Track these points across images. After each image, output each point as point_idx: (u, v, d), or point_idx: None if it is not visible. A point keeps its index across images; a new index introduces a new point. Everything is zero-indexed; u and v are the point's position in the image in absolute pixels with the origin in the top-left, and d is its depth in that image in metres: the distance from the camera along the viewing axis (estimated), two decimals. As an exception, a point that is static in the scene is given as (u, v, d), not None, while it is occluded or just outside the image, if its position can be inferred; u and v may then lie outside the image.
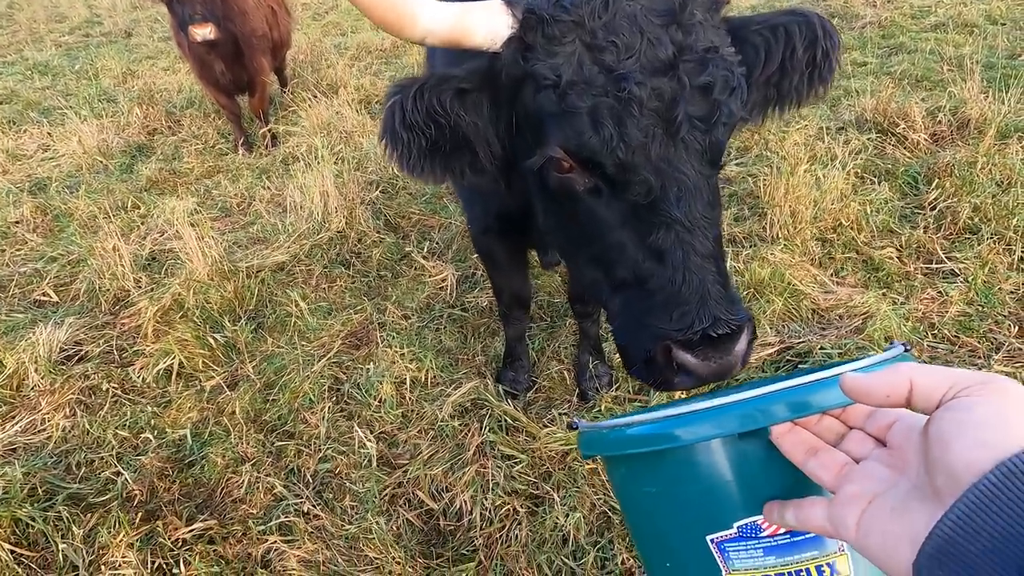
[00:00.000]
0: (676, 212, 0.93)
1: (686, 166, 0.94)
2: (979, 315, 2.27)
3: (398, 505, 1.77)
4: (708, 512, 0.67)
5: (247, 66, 4.15)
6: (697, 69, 0.94)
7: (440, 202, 3.37)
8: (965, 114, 3.37)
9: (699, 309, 0.92)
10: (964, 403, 0.45)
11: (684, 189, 0.94)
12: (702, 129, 0.95)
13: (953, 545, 0.41)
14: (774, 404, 0.60)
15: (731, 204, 3.12)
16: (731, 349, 0.92)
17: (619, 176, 0.96)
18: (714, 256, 0.97)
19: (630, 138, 0.92)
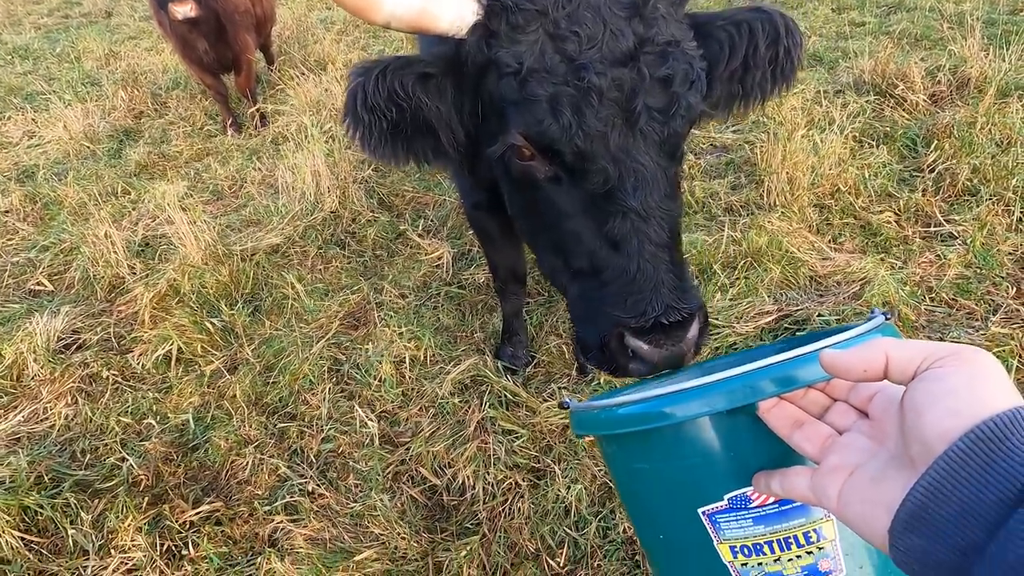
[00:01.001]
0: (632, 201, 0.94)
1: (644, 156, 0.95)
2: (977, 277, 2.26)
3: (401, 482, 1.79)
4: (699, 486, 0.68)
5: (231, 44, 4.05)
6: (657, 61, 0.95)
7: (433, 179, 3.33)
8: (965, 73, 3.32)
9: (652, 297, 0.93)
10: (936, 374, 0.46)
11: (641, 179, 0.95)
12: (660, 121, 0.95)
13: (925, 511, 0.42)
14: (760, 380, 0.61)
15: (728, 172, 3.09)
16: (682, 337, 0.93)
17: (577, 164, 0.97)
18: (669, 246, 0.98)
19: (588, 127, 0.93)
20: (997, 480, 0.40)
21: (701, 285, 2.36)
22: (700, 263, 2.44)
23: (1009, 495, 0.39)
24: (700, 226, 2.72)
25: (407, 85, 1.02)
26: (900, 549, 0.44)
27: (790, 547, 0.66)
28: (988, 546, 0.39)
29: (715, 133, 3.48)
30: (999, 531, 0.39)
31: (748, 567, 0.68)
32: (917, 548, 0.43)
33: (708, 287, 2.32)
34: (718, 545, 0.68)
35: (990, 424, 0.41)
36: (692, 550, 0.71)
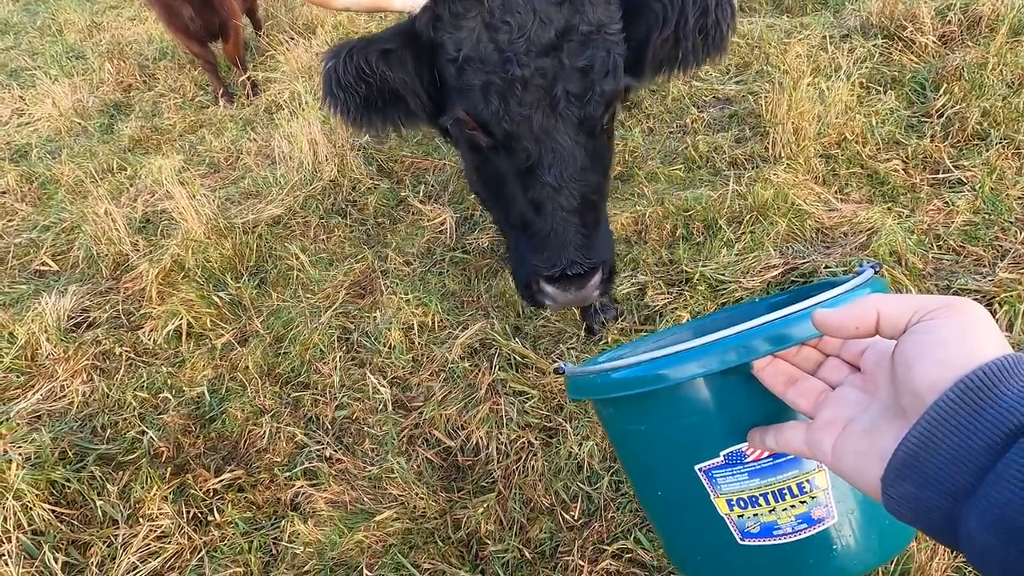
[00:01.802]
0: (547, 177, 1.11)
1: (562, 136, 1.11)
2: (985, 223, 2.24)
3: (416, 445, 1.83)
4: (695, 444, 0.70)
5: (217, 10, 3.93)
6: (578, 50, 1.07)
7: (432, 143, 3.28)
8: (976, 11, 3.20)
9: (560, 253, 1.13)
10: (927, 326, 0.47)
11: (558, 157, 1.11)
12: (578, 104, 1.09)
13: (916, 459, 0.43)
14: (754, 340, 0.62)
15: (732, 125, 3.03)
16: (584, 284, 1.16)
17: (506, 142, 1.14)
18: (579, 211, 1.14)
19: (513, 113, 1.09)
20: (985, 427, 0.41)
21: (706, 240, 2.35)
22: (705, 218, 2.42)
23: (996, 440, 0.40)
24: (704, 181, 2.68)
25: (371, 61, 1.17)
26: (892, 497, 0.46)
27: (784, 498, 0.68)
28: (977, 490, 0.40)
29: (717, 85, 3.40)
30: (987, 475, 0.40)
31: (744, 518, 0.70)
32: (909, 495, 0.44)
33: (714, 243, 2.31)
34: (715, 499, 0.71)
35: (979, 373, 0.42)
36: (690, 505, 0.73)
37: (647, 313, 2.14)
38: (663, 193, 2.61)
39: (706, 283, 2.16)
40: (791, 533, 0.69)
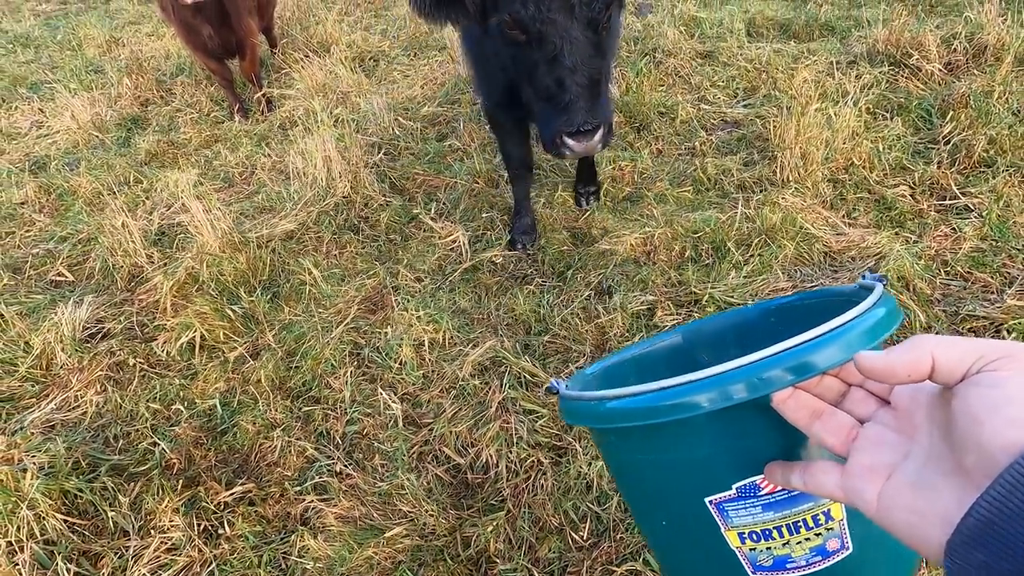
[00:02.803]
0: (567, 61, 1.55)
1: (576, 32, 1.54)
2: (992, 250, 2.26)
3: (426, 462, 1.85)
4: (706, 476, 0.66)
5: (235, 28, 4.03)
6: None
7: (444, 162, 3.33)
8: (982, 40, 3.25)
9: (576, 116, 1.56)
10: (992, 378, 0.44)
11: (575, 47, 1.54)
12: (587, 9, 1.55)
13: (990, 527, 0.40)
14: (775, 370, 0.57)
15: (740, 149, 3.07)
16: (592, 137, 1.60)
17: (538, 37, 1.56)
18: (589, 86, 1.58)
19: (543, 16, 1.52)
20: None
21: (714, 262, 2.37)
22: (714, 240, 2.44)
23: None
24: (713, 204, 2.72)
25: None
26: (958, 563, 0.42)
27: (799, 530, 0.65)
28: None
29: (726, 108, 3.45)
30: None
31: (757, 551, 0.67)
32: (979, 563, 0.41)
33: (722, 265, 2.33)
34: (726, 532, 0.67)
35: None
36: (698, 537, 0.69)
37: (656, 334, 2.15)
38: (672, 215, 2.65)
39: (715, 304, 2.18)
40: (805, 566, 0.67)
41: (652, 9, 4.87)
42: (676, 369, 0.99)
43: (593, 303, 2.30)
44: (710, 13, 4.52)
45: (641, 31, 4.39)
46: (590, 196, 2.84)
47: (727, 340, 0.93)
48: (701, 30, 4.28)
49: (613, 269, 2.42)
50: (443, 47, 4.81)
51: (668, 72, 3.82)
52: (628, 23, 4.56)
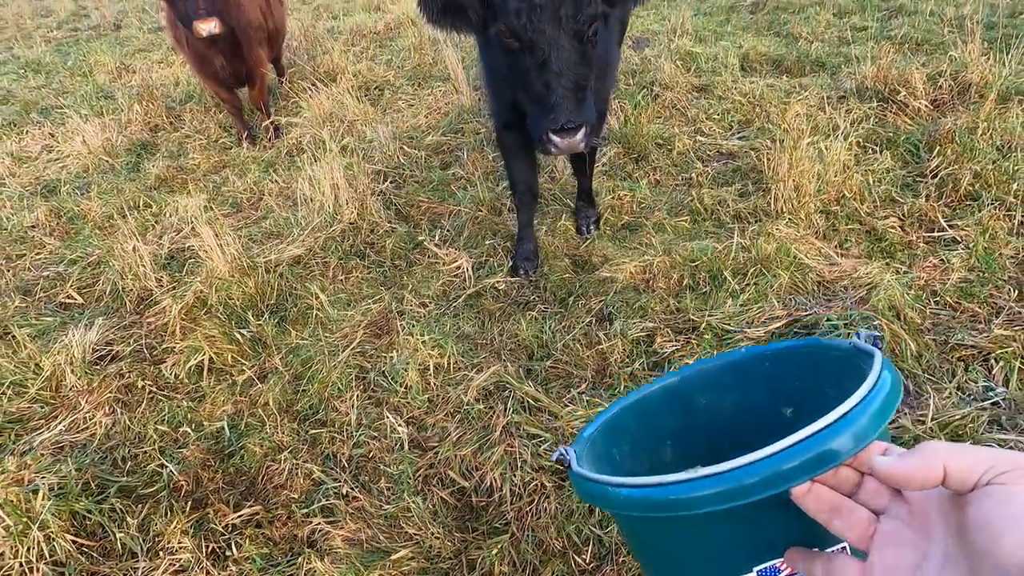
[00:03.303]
0: (554, 66, 1.71)
1: (563, 41, 1.70)
2: (980, 281, 2.34)
3: (432, 485, 1.88)
4: (723, 561, 0.67)
5: (246, 58, 4.16)
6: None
7: (448, 189, 3.42)
8: (966, 78, 3.39)
9: (561, 115, 1.71)
10: (1004, 492, 0.46)
11: (562, 54, 1.70)
12: (572, 22, 1.69)
13: None
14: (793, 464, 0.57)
15: (735, 180, 3.17)
16: (575, 134, 1.73)
17: (529, 45, 1.72)
18: (574, 89, 1.72)
19: (534, 26, 1.68)
20: None
21: (712, 291, 2.44)
22: (711, 269, 2.52)
23: None
24: (710, 233, 2.80)
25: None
26: None
27: None
28: None
29: (721, 140, 3.57)
30: None
31: None
32: None
33: (719, 293, 2.40)
34: None
35: None
36: None
37: (656, 360, 2.21)
38: (670, 244, 2.73)
39: (712, 332, 2.24)
40: None
41: (649, 44, 5.05)
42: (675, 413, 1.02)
43: (594, 329, 2.36)
44: (705, 48, 4.68)
45: (639, 65, 4.55)
46: (591, 224, 2.93)
47: (724, 383, 0.97)
48: (697, 65, 4.43)
49: (613, 296, 2.49)
50: (446, 77, 4.95)
51: (665, 105, 3.95)
52: (626, 56, 4.71)
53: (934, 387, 1.94)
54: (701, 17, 5.49)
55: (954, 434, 1.79)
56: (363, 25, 6.97)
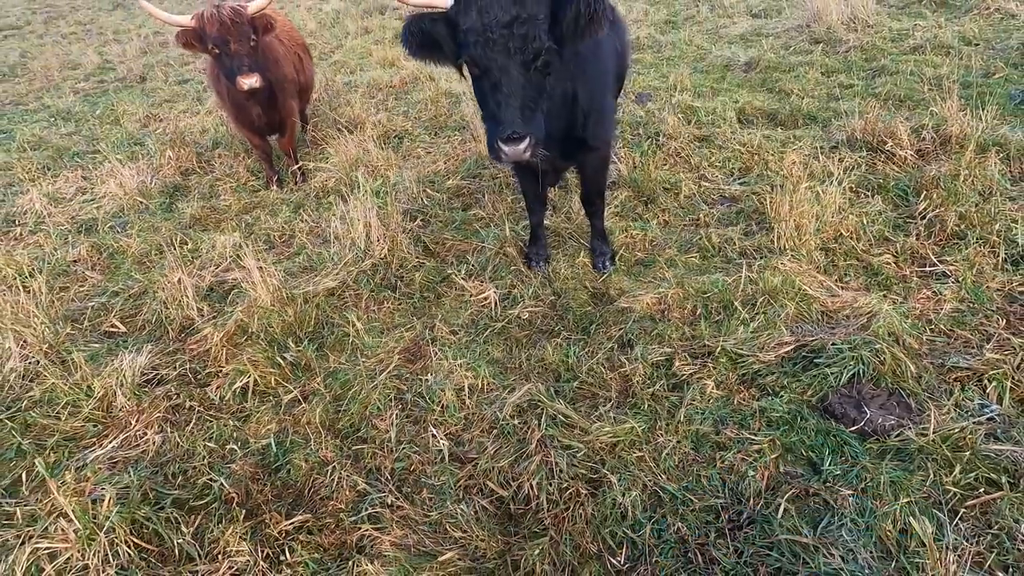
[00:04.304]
0: (505, 89, 2.01)
1: (513, 69, 1.99)
2: (970, 311, 2.54)
3: (472, 494, 2.01)
4: None
5: (279, 109, 4.47)
6: (521, 27, 1.95)
7: (470, 228, 3.65)
8: (947, 131, 3.70)
9: (507, 127, 1.99)
10: None
11: (509, 80, 2.00)
12: (520, 54, 1.98)
13: None
14: None
15: (739, 220, 3.42)
16: (519, 143, 2.00)
17: (484, 72, 2.05)
18: (521, 107, 2.01)
19: (487, 58, 2.00)
20: None
21: (724, 319, 2.63)
22: (722, 300, 2.72)
23: None
24: (719, 268, 3.01)
25: (427, 24, 2.13)
26: None
27: None
28: None
29: (724, 185, 3.84)
30: None
31: None
32: None
33: (731, 321, 2.59)
34: None
35: None
36: None
37: (675, 381, 2.38)
38: (682, 277, 2.93)
39: (727, 356, 2.42)
40: None
41: (651, 98, 5.42)
42: None
43: (616, 354, 2.54)
44: (704, 103, 5.05)
45: (643, 117, 4.89)
46: (606, 261, 3.16)
47: None
48: (697, 117, 4.78)
49: (632, 325, 2.68)
50: (463, 127, 5.29)
51: (670, 153, 4.25)
52: (629, 109, 5.07)
53: (934, 404, 2.11)
54: (699, 75, 5.90)
55: (955, 446, 1.94)
56: (379, 79, 7.41)
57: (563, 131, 2.56)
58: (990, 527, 1.73)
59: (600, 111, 2.61)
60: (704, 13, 7.86)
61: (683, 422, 2.17)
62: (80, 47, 11.36)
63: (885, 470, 1.89)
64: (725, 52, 6.29)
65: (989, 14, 5.93)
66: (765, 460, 2.00)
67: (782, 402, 2.20)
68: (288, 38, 4.84)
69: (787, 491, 1.89)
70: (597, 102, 2.59)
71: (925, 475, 1.88)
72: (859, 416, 2.11)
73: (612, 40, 2.80)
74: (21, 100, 8.82)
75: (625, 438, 2.12)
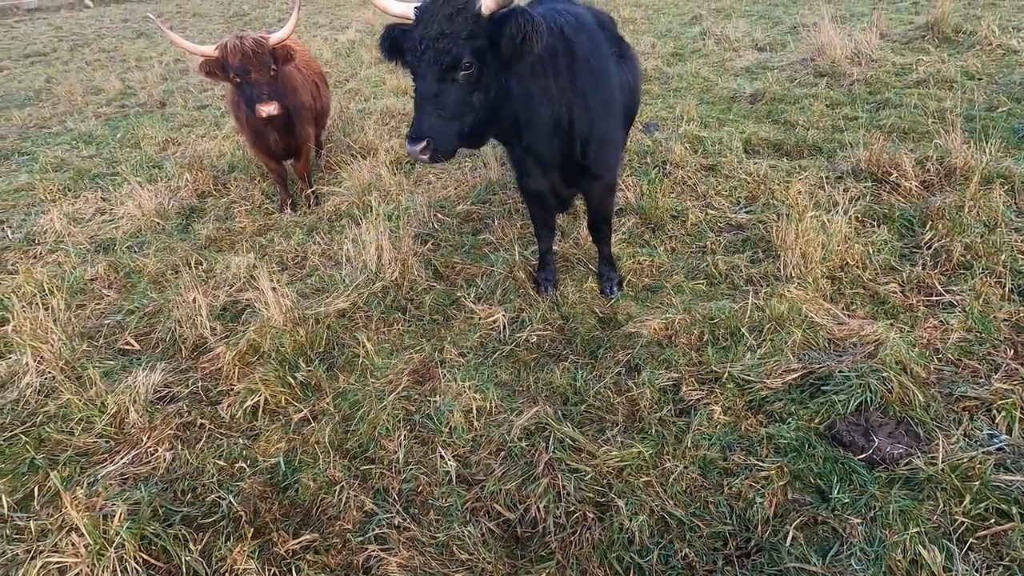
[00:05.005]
0: (420, 95, 2.17)
1: (430, 77, 2.14)
2: (978, 340, 2.54)
3: (479, 517, 2.01)
4: None
5: (296, 135, 4.60)
6: (443, 40, 2.10)
7: (480, 252, 3.71)
8: (951, 163, 3.75)
9: (412, 129, 2.15)
10: None
11: (424, 86, 2.15)
12: (439, 62, 2.11)
13: None
14: None
15: (746, 248, 3.45)
16: (416, 144, 2.13)
17: (415, 75, 2.22)
18: (431, 112, 2.14)
19: (414, 64, 2.18)
20: None
21: (731, 345, 2.65)
22: (729, 326, 2.74)
23: None
24: (725, 295, 3.04)
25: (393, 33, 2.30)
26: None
27: None
28: None
29: (730, 214, 3.89)
30: None
31: None
32: None
33: (738, 347, 2.61)
34: None
35: None
36: None
37: (682, 407, 2.39)
38: (689, 303, 2.96)
39: (734, 382, 2.43)
40: None
41: (659, 127, 5.53)
42: None
43: (623, 379, 2.55)
44: (711, 133, 5.14)
45: (651, 146, 4.98)
46: (613, 286, 3.20)
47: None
48: (703, 147, 4.86)
49: (639, 349, 2.70)
50: (472, 154, 5.39)
51: (677, 181, 4.32)
52: (637, 138, 5.16)
53: (943, 434, 2.11)
54: (705, 106, 6.01)
55: (965, 476, 1.94)
56: (392, 107, 7.59)
57: (560, 156, 2.63)
58: (1001, 559, 1.72)
59: (602, 139, 2.66)
60: (710, 46, 8.04)
61: (690, 447, 2.18)
62: (103, 73, 11.72)
63: (894, 499, 1.89)
64: (731, 84, 6.42)
65: (991, 50, 6.03)
66: (773, 487, 2.00)
67: (790, 429, 2.21)
68: (306, 67, 5.00)
69: (795, 519, 1.89)
70: (599, 130, 2.63)
71: (935, 505, 1.87)
72: (867, 444, 2.11)
73: (624, 74, 2.88)
74: (45, 123, 9.07)
75: (632, 462, 2.12)
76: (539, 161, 2.68)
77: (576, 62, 2.48)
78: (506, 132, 2.50)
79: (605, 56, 2.66)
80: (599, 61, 2.59)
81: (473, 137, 2.32)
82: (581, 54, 2.49)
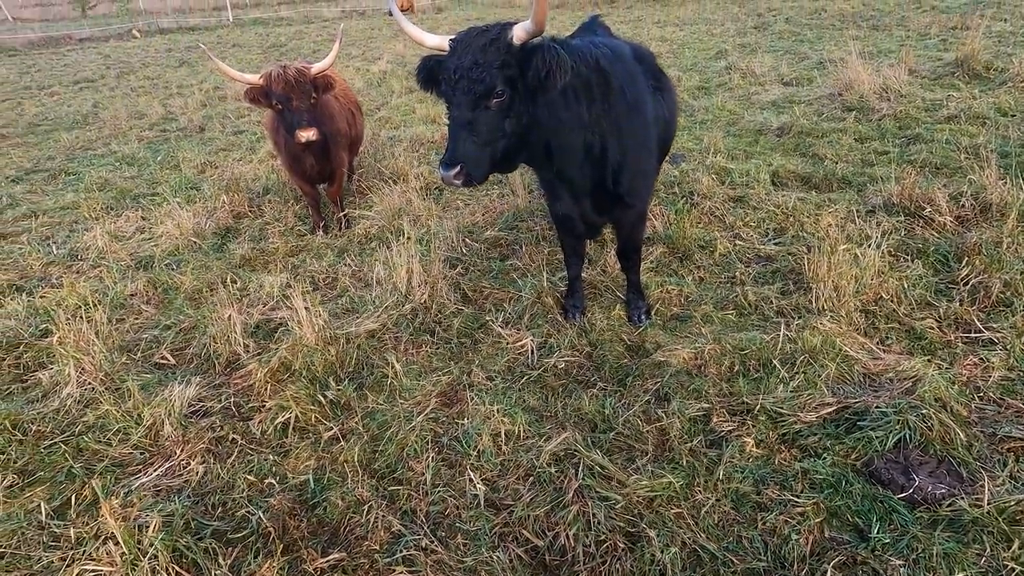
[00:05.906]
0: (455, 122, 2.24)
1: (464, 105, 2.21)
2: (1021, 380, 2.47)
3: (507, 542, 1.99)
4: None
5: (331, 160, 4.74)
6: (476, 70, 2.19)
7: (508, 277, 3.75)
8: (986, 199, 3.70)
9: (446, 155, 2.21)
10: None
11: (459, 114, 2.23)
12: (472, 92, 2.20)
13: None
14: None
15: (776, 280, 3.43)
16: (449, 170, 2.19)
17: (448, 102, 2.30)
18: (463, 138, 2.21)
19: (448, 93, 2.27)
20: None
21: (762, 377, 2.61)
22: (760, 358, 2.71)
23: None
24: (756, 326, 3.02)
25: (429, 63, 2.37)
26: None
27: None
28: None
29: (759, 245, 3.88)
30: None
31: None
32: None
33: (770, 379, 2.57)
34: None
35: None
36: None
37: (713, 438, 2.35)
38: (719, 333, 2.94)
39: (767, 414, 2.39)
40: None
41: (685, 159, 5.57)
42: None
43: (653, 407, 2.53)
44: (738, 164, 5.16)
45: (678, 176, 5.01)
46: (641, 314, 3.20)
47: None
48: (731, 178, 4.87)
49: (669, 378, 2.68)
50: (501, 181, 5.49)
51: (704, 212, 4.33)
52: (664, 169, 5.21)
53: (988, 475, 2.04)
54: (732, 138, 6.05)
55: (1012, 519, 1.87)
56: (422, 135, 7.79)
57: (591, 183, 2.67)
58: (1055, 608, 1.64)
59: (635, 168, 2.70)
60: (735, 80, 8.12)
61: (722, 480, 2.14)
62: (147, 99, 12.25)
63: (938, 541, 1.82)
64: (758, 117, 6.46)
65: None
66: (809, 523, 1.95)
67: (825, 464, 2.16)
68: (343, 95, 5.19)
69: (833, 557, 1.83)
70: (632, 159, 2.67)
71: (981, 548, 1.80)
72: (907, 483, 2.05)
73: (660, 106, 2.93)
74: (91, 145, 9.48)
75: (663, 493, 2.09)
76: (570, 186, 2.72)
77: (611, 92, 2.54)
78: (537, 157, 2.55)
79: (640, 87, 2.72)
80: (634, 92, 2.65)
81: (505, 162, 2.38)
82: (616, 84, 2.55)
